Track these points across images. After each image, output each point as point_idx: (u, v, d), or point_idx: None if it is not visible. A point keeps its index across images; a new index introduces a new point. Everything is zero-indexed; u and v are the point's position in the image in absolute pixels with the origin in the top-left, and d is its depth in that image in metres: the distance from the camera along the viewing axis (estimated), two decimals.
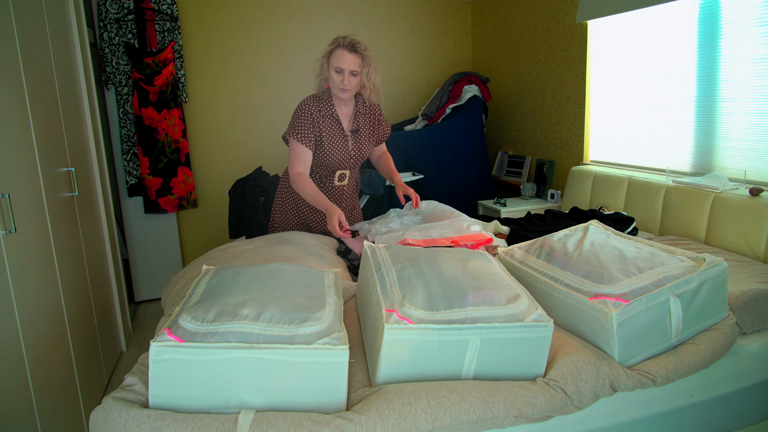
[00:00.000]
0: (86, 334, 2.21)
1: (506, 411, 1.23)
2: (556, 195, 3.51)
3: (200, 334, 1.14)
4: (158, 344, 1.11)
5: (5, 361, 1.43)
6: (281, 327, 1.16)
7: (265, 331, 1.15)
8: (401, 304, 1.27)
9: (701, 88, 2.59)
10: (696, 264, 1.52)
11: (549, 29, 3.55)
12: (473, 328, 1.25)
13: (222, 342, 1.12)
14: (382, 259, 1.54)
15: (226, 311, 1.19)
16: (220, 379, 1.12)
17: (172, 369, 1.12)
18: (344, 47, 2.05)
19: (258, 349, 1.12)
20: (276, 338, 1.14)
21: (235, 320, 1.16)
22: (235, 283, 1.37)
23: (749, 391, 1.60)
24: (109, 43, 3.42)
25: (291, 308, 1.22)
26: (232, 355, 1.11)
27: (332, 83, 2.12)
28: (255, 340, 1.13)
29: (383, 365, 1.24)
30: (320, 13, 4.08)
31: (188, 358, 1.11)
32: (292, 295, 1.31)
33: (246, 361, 1.12)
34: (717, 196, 2.34)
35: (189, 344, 1.11)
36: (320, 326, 1.18)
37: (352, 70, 2.07)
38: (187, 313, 1.19)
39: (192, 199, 3.76)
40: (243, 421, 1.08)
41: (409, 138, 3.74)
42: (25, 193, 1.67)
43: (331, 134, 2.22)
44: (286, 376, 1.14)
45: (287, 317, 1.19)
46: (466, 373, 1.30)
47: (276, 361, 1.12)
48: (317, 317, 1.20)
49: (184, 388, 1.13)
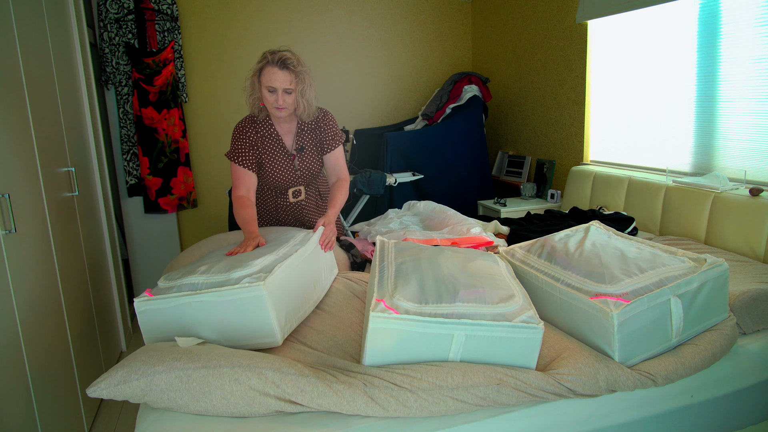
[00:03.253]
0: (86, 334, 2.21)
1: (486, 380, 1.27)
2: (556, 195, 3.51)
3: (164, 289, 1.43)
4: (137, 300, 1.42)
5: (5, 360, 1.43)
6: (220, 275, 1.42)
7: (208, 279, 1.41)
8: (392, 295, 1.33)
9: (701, 88, 2.59)
10: (697, 265, 1.52)
11: (549, 29, 3.55)
12: (458, 324, 1.28)
13: (177, 292, 1.40)
14: (387, 253, 1.62)
15: (189, 271, 1.47)
16: (182, 320, 1.41)
17: (150, 316, 1.42)
18: (275, 64, 1.88)
19: (199, 294, 1.38)
20: (213, 284, 1.40)
21: (190, 276, 1.44)
22: (212, 254, 1.66)
23: (749, 392, 1.60)
24: (109, 43, 3.42)
25: (237, 261, 1.47)
26: (182, 301, 1.39)
27: (267, 102, 1.95)
28: (198, 288, 1.40)
29: (368, 351, 1.31)
30: (320, 12, 4.08)
31: (155, 307, 1.41)
32: (250, 254, 1.56)
33: (192, 304, 1.38)
34: (717, 196, 2.34)
35: (154, 297, 1.41)
36: (248, 270, 1.42)
37: (285, 88, 1.90)
38: (164, 277, 1.50)
39: (192, 199, 3.76)
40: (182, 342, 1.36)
41: (409, 138, 3.74)
42: (25, 193, 1.67)
43: (272, 156, 2.07)
44: (222, 313, 1.39)
45: (226, 267, 1.44)
46: None
47: (213, 302, 1.38)
48: (249, 264, 1.44)
49: (161, 329, 1.43)
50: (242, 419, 1.23)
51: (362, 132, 4.06)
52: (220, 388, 1.20)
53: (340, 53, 4.20)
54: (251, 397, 1.21)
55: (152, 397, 1.21)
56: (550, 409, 1.34)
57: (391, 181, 3.30)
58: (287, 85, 1.90)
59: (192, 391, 1.20)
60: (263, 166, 2.08)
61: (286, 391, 1.22)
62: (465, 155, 3.85)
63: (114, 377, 1.21)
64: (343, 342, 1.52)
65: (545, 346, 1.44)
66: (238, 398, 1.21)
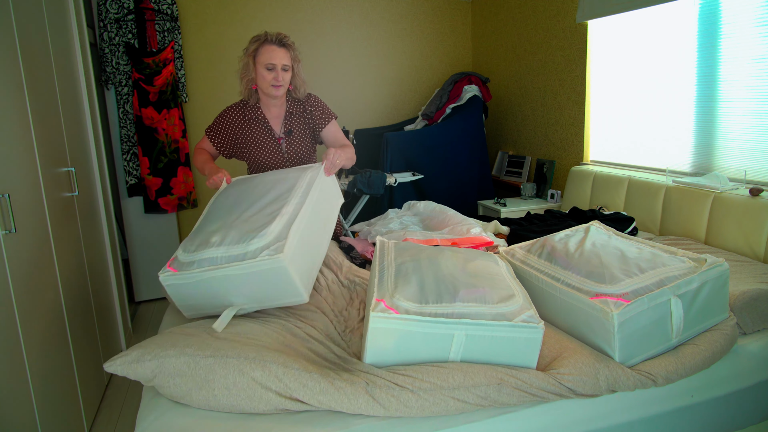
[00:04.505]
0: (86, 334, 2.21)
1: (487, 379, 1.27)
2: (556, 195, 3.51)
3: (185, 263, 1.50)
4: (162, 275, 1.51)
5: (5, 361, 1.43)
6: (237, 247, 1.48)
7: (226, 253, 1.48)
8: (392, 295, 1.34)
9: (701, 88, 2.59)
10: (697, 265, 1.52)
11: (549, 29, 3.55)
12: (458, 323, 1.28)
13: (198, 268, 1.48)
14: (387, 253, 1.63)
15: (203, 241, 1.53)
16: (210, 290, 1.51)
17: (177, 289, 1.52)
18: (273, 42, 1.96)
19: (221, 269, 1.46)
20: (233, 258, 1.47)
21: (206, 248, 1.49)
22: (222, 206, 1.70)
23: (749, 392, 1.60)
24: (109, 43, 3.42)
25: (247, 229, 1.52)
26: (206, 276, 1.48)
27: (262, 82, 1.99)
28: (218, 262, 1.47)
29: (369, 350, 1.32)
30: (320, 13, 4.08)
31: (180, 281, 1.50)
32: (256, 211, 1.61)
33: (217, 278, 1.47)
34: (717, 196, 2.34)
35: (179, 272, 1.49)
36: (265, 240, 1.48)
37: (284, 64, 1.97)
38: (181, 247, 1.56)
39: (192, 199, 3.76)
40: (226, 313, 1.50)
41: (409, 138, 3.74)
42: (25, 193, 1.67)
43: (259, 139, 2.11)
44: (248, 283, 1.49)
45: (244, 236, 1.49)
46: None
47: (237, 275, 1.47)
48: (263, 234, 1.49)
49: (193, 298, 1.54)
50: (244, 418, 1.23)
51: (362, 132, 4.06)
52: (224, 378, 1.23)
53: (340, 53, 4.20)
54: (253, 389, 1.22)
55: (160, 381, 1.25)
56: (551, 409, 1.34)
57: (391, 181, 3.30)
58: (286, 61, 1.98)
59: (197, 378, 1.23)
60: (250, 148, 2.11)
61: (288, 386, 1.22)
62: (465, 155, 3.85)
63: (130, 356, 1.27)
64: (344, 340, 1.52)
65: (545, 346, 1.44)
66: (240, 390, 1.22)
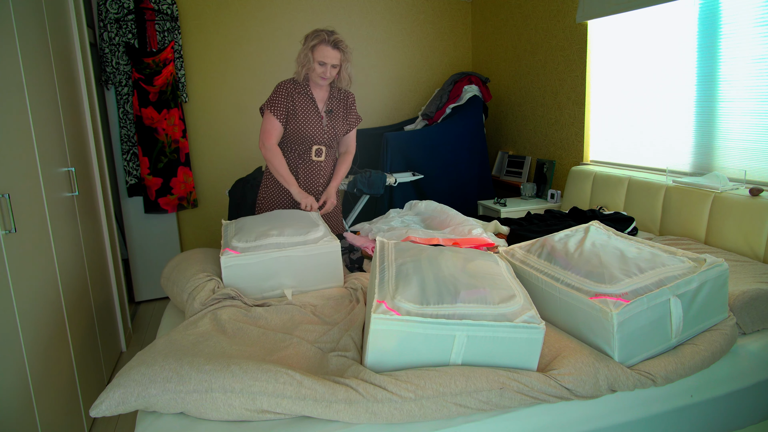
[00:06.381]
0: (86, 334, 2.21)
1: (489, 384, 1.26)
2: (556, 195, 3.51)
3: (248, 248, 1.86)
4: (224, 257, 1.82)
5: (5, 361, 1.43)
6: (297, 236, 1.92)
7: (289, 239, 1.90)
8: (393, 297, 1.33)
9: (701, 88, 2.59)
10: (697, 265, 1.52)
11: (549, 29, 3.55)
12: (460, 324, 1.28)
13: (263, 250, 1.85)
14: (387, 254, 1.62)
15: (261, 234, 1.90)
16: (267, 270, 1.86)
17: (234, 270, 1.84)
18: (329, 44, 2.28)
19: (285, 250, 1.87)
20: (295, 243, 1.89)
21: (268, 237, 1.89)
22: (255, 222, 2.04)
23: (749, 391, 1.60)
24: (109, 43, 3.42)
25: (299, 228, 1.97)
26: (272, 256, 1.85)
27: (313, 72, 2.35)
28: (283, 246, 1.88)
29: (370, 352, 1.31)
30: (320, 13, 4.08)
31: (242, 262, 1.84)
32: (293, 223, 2.03)
33: (281, 258, 1.86)
34: (717, 196, 2.34)
35: (242, 254, 1.83)
36: (320, 233, 1.97)
37: (334, 64, 2.32)
38: (235, 239, 1.89)
39: (192, 199, 3.76)
40: (287, 293, 1.86)
41: (409, 138, 3.74)
42: (25, 193, 1.67)
43: (305, 110, 2.41)
44: (303, 264, 1.89)
45: (300, 232, 1.94)
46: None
47: (297, 256, 1.88)
48: (316, 230, 1.98)
49: (245, 278, 1.85)
50: (243, 422, 1.24)
51: (362, 132, 4.05)
52: (215, 410, 1.21)
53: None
54: (250, 415, 1.22)
55: (157, 409, 1.24)
56: (550, 409, 1.34)
57: (391, 181, 3.30)
58: (336, 61, 2.32)
59: (190, 410, 1.22)
60: (296, 116, 2.39)
61: (284, 412, 1.22)
62: (465, 155, 3.84)
63: (112, 398, 1.21)
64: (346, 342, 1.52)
65: (545, 346, 1.44)
66: (236, 416, 1.22)
